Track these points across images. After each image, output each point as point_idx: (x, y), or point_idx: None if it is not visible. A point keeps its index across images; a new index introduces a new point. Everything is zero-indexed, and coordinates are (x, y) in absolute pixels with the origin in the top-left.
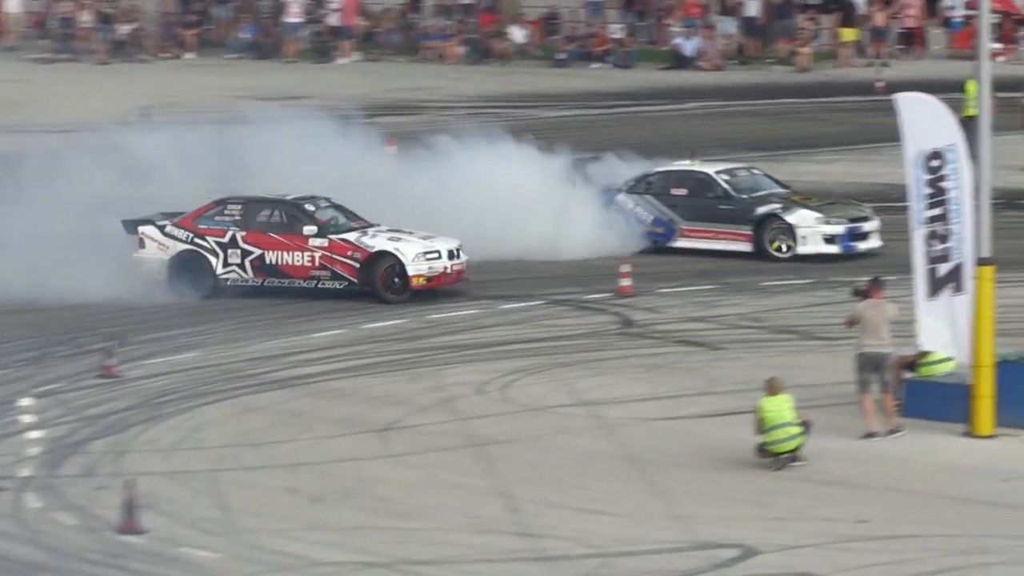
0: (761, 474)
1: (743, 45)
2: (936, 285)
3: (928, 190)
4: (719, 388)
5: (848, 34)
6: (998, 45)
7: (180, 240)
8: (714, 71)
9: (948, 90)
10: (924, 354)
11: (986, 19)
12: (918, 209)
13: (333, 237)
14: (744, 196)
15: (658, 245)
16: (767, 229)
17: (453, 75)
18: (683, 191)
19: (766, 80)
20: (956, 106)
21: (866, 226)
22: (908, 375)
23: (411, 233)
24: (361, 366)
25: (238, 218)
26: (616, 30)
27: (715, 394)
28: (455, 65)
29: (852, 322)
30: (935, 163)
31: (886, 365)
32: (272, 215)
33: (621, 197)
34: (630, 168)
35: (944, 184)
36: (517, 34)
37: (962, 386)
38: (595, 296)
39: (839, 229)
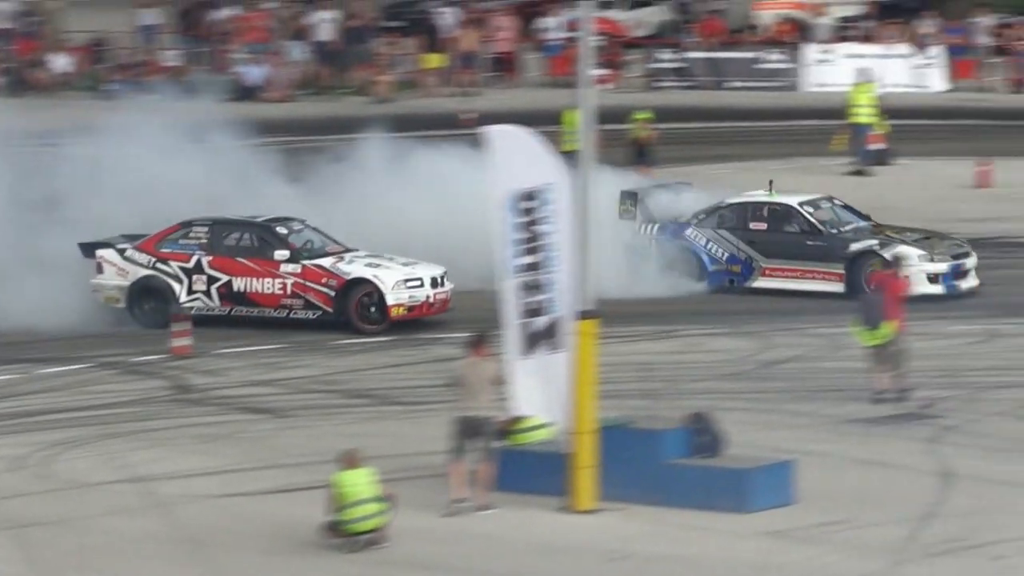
0: (335, 557)
1: (316, 73)
2: (531, 341)
3: (521, 235)
4: (288, 460)
5: (433, 60)
6: (602, 71)
7: (141, 265)
8: (282, 102)
9: (545, 122)
10: (518, 419)
11: (589, 42)
12: (508, 257)
13: (307, 263)
14: (834, 231)
15: (734, 286)
16: (864, 268)
17: None
18: (763, 225)
19: (341, 112)
20: (555, 139)
21: (968, 263)
22: (500, 443)
23: (392, 259)
24: None
25: (204, 241)
26: (172, 57)
27: (283, 467)
28: None
29: (454, 383)
30: (529, 204)
31: (484, 431)
32: (241, 238)
33: (690, 232)
34: (691, 198)
35: (540, 228)
36: (60, 62)
37: (560, 455)
38: (147, 358)
39: (943, 267)
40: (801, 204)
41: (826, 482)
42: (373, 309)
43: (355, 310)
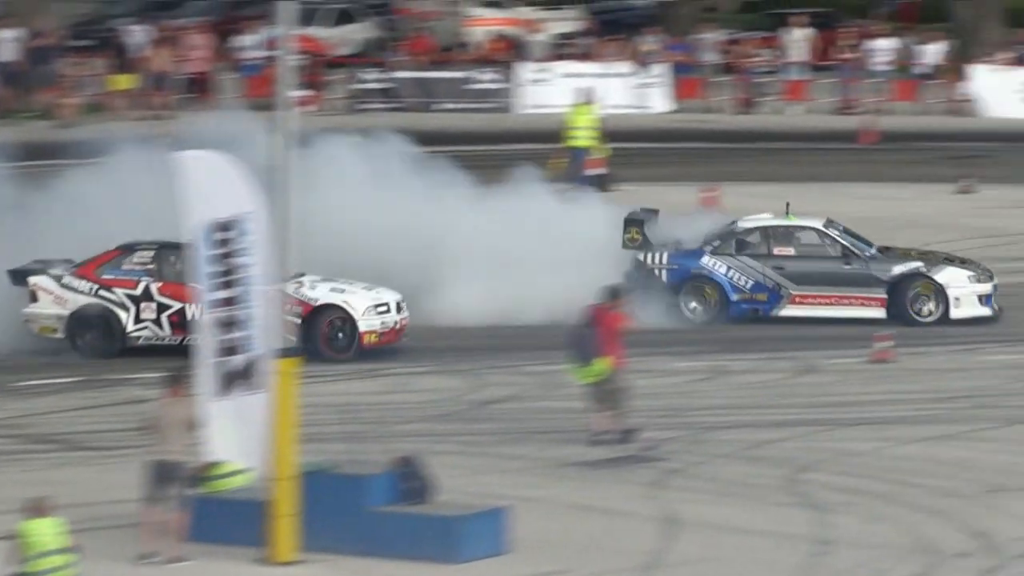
0: None
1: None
2: (227, 381)
3: (216, 268)
4: None
5: (122, 81)
6: (303, 92)
7: (82, 292)
8: None
9: (243, 145)
10: (213, 464)
11: (288, 61)
12: (203, 291)
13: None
14: (867, 254)
15: (759, 315)
16: (909, 291)
17: None
18: (790, 250)
19: (27, 137)
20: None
21: (995, 283)
22: (195, 489)
23: (351, 283)
24: None
25: (150, 266)
26: None
27: None
28: None
29: (148, 425)
30: (225, 235)
31: (178, 477)
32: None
33: (707, 259)
34: (692, 224)
35: (237, 260)
36: None
37: (258, 503)
38: None
39: (988, 288)
40: (826, 226)
41: (542, 530)
42: (341, 336)
43: (324, 338)
